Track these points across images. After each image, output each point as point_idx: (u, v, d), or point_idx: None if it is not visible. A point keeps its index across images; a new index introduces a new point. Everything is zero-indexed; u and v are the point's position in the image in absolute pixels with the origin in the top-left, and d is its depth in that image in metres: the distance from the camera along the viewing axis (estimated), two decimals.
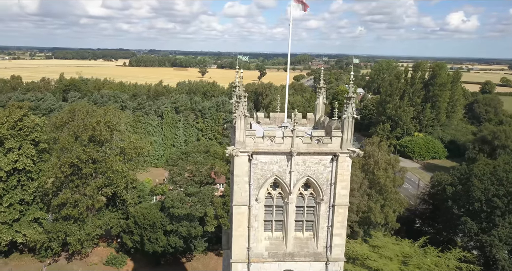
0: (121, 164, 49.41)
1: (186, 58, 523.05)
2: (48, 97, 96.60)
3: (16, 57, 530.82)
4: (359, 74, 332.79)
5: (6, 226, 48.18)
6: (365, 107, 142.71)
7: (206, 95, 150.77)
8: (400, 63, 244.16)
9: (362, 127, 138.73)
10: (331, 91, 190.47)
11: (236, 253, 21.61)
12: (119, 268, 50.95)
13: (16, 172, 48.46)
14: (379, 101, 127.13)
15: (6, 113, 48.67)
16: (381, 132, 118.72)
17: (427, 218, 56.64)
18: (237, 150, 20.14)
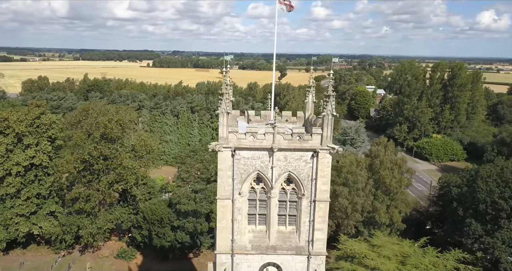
0: (131, 161, 51.24)
1: (208, 59, 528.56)
2: (69, 96, 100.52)
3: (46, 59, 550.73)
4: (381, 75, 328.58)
5: (23, 219, 50.76)
6: (383, 108, 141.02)
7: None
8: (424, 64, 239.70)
9: (380, 128, 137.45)
10: (350, 92, 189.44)
11: (220, 244, 22.55)
12: (129, 261, 52.73)
13: (33, 167, 51.00)
14: (397, 102, 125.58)
15: (25, 111, 51.37)
16: (398, 133, 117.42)
17: (436, 220, 56.02)
18: (220, 146, 21.08)
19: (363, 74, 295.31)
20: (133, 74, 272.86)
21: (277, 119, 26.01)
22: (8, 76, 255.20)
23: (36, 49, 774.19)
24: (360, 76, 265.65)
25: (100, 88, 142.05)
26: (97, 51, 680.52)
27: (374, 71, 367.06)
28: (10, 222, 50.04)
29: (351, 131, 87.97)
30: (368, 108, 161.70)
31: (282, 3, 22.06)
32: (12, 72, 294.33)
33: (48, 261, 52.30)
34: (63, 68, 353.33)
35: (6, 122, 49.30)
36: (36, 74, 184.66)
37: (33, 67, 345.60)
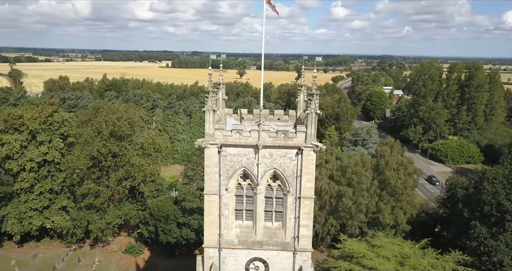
0: (139, 158, 52.55)
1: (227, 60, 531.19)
2: (85, 95, 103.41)
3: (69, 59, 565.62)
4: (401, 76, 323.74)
5: (37, 213, 52.67)
6: (399, 109, 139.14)
7: (239, 96, 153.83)
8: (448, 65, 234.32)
9: (395, 129, 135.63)
10: (366, 93, 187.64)
11: (208, 238, 23.20)
12: (136, 256, 54.03)
13: (46, 163, 52.86)
14: (412, 103, 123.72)
15: (39, 109, 53.35)
16: (412, 134, 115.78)
17: (444, 222, 55.25)
18: (206, 142, 21.74)
19: (381, 74, 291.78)
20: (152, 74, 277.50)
21: (269, 118, 26.64)
22: (32, 76, 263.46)
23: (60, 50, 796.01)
24: (378, 76, 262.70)
25: (118, 88, 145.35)
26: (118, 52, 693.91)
27: (394, 71, 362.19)
28: (24, 215, 51.96)
29: (363, 132, 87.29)
30: (384, 109, 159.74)
31: (268, 4, 22.53)
32: (37, 72, 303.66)
33: (60, 254, 54.13)
34: (85, 68, 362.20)
35: (21, 120, 51.33)
36: (59, 74, 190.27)
37: (56, 67, 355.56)
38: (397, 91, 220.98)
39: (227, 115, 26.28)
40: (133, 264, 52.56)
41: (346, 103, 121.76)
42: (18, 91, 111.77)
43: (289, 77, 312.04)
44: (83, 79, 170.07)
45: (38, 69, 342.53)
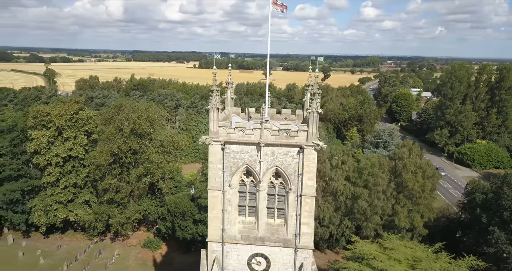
0: (158, 155, 54.05)
1: (253, 61, 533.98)
2: (112, 94, 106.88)
3: (101, 60, 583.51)
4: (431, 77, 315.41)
5: (61, 206, 55.07)
6: (425, 111, 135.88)
7: (263, 96, 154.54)
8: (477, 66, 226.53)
9: (421, 132, 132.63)
10: (392, 94, 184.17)
11: (211, 233, 23.90)
12: (154, 251, 55.56)
13: (71, 158, 55.16)
14: (438, 105, 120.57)
15: (65, 107, 55.77)
16: (438, 138, 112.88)
17: (464, 227, 53.82)
18: (210, 139, 22.45)
19: (409, 76, 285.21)
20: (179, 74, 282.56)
21: (276, 117, 27.15)
22: (65, 76, 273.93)
23: (93, 51, 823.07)
24: (406, 78, 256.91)
25: (145, 87, 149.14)
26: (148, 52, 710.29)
27: (424, 73, 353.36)
28: (50, 208, 54.43)
29: (384, 134, 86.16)
30: (410, 111, 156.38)
31: (274, 5, 23.02)
32: (70, 71, 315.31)
33: (82, 246, 56.38)
34: (115, 68, 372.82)
35: (48, 117, 53.83)
36: (90, 74, 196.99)
37: (89, 67, 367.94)
38: (425, 93, 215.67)
39: (235, 114, 26.96)
40: (150, 258, 54.09)
41: (370, 105, 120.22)
42: (49, 90, 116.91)
43: None
44: (112, 78, 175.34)
45: (71, 69, 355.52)
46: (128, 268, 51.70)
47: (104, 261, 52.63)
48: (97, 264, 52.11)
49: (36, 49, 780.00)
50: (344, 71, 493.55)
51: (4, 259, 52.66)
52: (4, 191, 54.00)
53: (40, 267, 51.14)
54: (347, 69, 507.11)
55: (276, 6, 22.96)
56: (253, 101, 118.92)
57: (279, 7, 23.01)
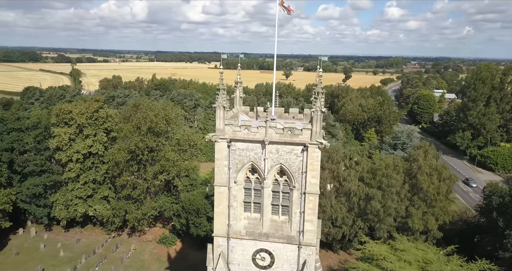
0: (174, 153, 55.23)
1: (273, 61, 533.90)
2: (133, 94, 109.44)
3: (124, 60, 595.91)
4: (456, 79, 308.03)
5: (81, 201, 56.98)
6: (447, 113, 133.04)
7: (281, 96, 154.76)
8: None
9: (442, 134, 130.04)
10: (414, 96, 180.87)
11: (217, 228, 24.55)
12: (169, 247, 56.79)
13: (91, 155, 57.03)
14: (461, 107, 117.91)
15: (86, 105, 57.70)
16: (460, 140, 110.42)
17: (481, 231, 52.72)
18: (217, 137, 23.08)
19: (433, 77, 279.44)
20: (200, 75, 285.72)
21: (284, 116, 27.59)
22: (90, 75, 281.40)
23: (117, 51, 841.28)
24: (429, 79, 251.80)
25: (166, 87, 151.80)
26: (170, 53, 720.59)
27: (449, 74, 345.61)
28: (70, 203, 56.39)
29: (403, 136, 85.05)
30: (431, 113, 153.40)
31: (281, 6, 23.45)
32: (95, 71, 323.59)
33: (100, 240, 58.19)
34: (138, 68, 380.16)
35: (70, 114, 55.81)
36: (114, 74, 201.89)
37: (113, 68, 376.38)
38: (449, 95, 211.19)
39: (243, 113, 27.53)
40: (165, 253, 55.32)
41: (389, 106, 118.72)
42: (73, 89, 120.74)
43: (336, 78, 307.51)
44: (135, 78, 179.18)
45: (96, 69, 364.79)
46: (144, 263, 53.05)
47: (120, 255, 54.19)
48: (114, 258, 53.70)
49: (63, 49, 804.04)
50: (366, 72, 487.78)
51: (27, 250, 54.99)
52: (28, 185, 56.31)
53: (59, 259, 53.13)
54: (369, 70, 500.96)
55: (282, 7, 23.37)
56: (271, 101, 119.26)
57: (285, 9, 23.41)
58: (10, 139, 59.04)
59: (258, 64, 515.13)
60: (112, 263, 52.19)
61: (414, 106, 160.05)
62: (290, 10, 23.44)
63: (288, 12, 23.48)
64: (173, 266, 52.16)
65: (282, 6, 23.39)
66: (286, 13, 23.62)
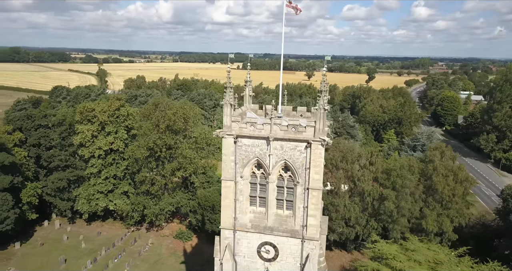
0: (191, 151, 56.69)
1: (297, 62, 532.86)
2: (155, 93, 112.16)
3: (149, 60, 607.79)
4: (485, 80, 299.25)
5: (102, 195, 59.22)
6: (472, 115, 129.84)
7: (302, 96, 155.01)
8: None
9: (466, 137, 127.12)
10: (438, 97, 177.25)
11: (224, 221, 25.52)
12: (185, 242, 58.27)
13: (112, 152, 59.18)
14: (486, 108, 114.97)
15: (108, 103, 59.94)
16: (484, 143, 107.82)
17: (499, 235, 51.69)
18: (224, 133, 24.07)
19: (459, 78, 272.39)
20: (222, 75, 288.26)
21: (292, 114, 28.35)
22: (116, 75, 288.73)
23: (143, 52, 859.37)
24: (455, 81, 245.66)
25: (188, 87, 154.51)
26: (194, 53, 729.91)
27: (477, 75, 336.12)
28: (92, 197, 58.73)
29: (422, 137, 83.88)
30: (456, 115, 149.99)
31: (289, 7, 24.22)
32: (121, 72, 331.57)
33: (119, 234, 60.26)
34: (162, 69, 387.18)
35: (93, 112, 58.13)
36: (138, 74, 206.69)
37: (138, 68, 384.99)
38: (476, 97, 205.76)
39: (251, 110, 28.43)
40: (181, 248, 56.82)
41: (411, 107, 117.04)
42: (98, 88, 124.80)
43: (359, 79, 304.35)
44: (157, 78, 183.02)
45: (122, 69, 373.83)
46: (160, 257, 54.67)
47: (138, 249, 56.02)
48: (132, 251, 55.58)
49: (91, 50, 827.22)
50: (391, 73, 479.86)
51: (51, 241, 57.62)
52: (53, 180, 58.94)
53: (81, 250, 55.44)
54: (393, 71, 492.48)
55: (289, 8, 24.15)
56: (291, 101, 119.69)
57: (293, 9, 24.17)
58: (38, 135, 61.98)
59: None
60: (130, 256, 54.05)
61: (437, 108, 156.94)
62: (298, 9, 24.16)
63: (296, 11, 24.20)
64: (188, 260, 53.52)
65: (290, 6, 24.13)
66: (295, 13, 24.34)
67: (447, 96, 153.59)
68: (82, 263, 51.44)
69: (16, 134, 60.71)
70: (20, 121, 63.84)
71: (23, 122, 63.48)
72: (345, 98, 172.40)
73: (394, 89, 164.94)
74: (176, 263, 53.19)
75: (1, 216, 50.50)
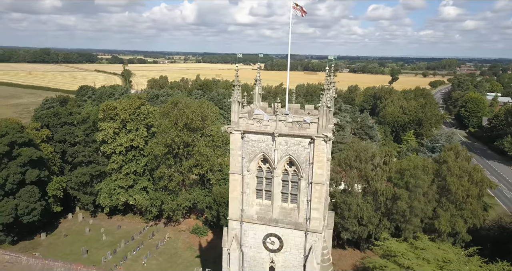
0: (207, 148, 58.34)
1: (319, 62, 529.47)
2: (176, 93, 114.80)
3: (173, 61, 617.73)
4: None
5: (123, 190, 61.60)
6: (496, 117, 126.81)
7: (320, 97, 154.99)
8: None
9: (490, 139, 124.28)
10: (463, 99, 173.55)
11: (231, 212, 26.82)
12: (200, 237, 59.97)
13: (132, 148, 61.44)
14: (510, 110, 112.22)
15: (130, 102, 62.34)
16: (508, 145, 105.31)
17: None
18: (232, 129, 25.35)
19: (487, 80, 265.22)
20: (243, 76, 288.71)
21: (300, 112, 29.40)
22: (140, 76, 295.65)
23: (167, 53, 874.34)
24: (482, 82, 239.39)
25: (209, 87, 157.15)
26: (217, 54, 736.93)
27: (507, 77, 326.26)
28: (113, 192, 61.19)
29: (441, 138, 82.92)
30: (480, 117, 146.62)
31: (295, 9, 25.29)
32: (145, 72, 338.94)
33: (138, 228, 62.56)
34: (185, 69, 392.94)
35: (115, 110, 60.60)
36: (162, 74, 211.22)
37: (161, 69, 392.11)
38: (503, 98, 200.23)
39: (259, 108, 29.61)
40: (197, 243, 58.53)
41: (432, 109, 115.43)
42: (122, 88, 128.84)
43: (382, 80, 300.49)
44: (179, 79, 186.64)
45: (145, 69, 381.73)
46: (177, 250, 56.55)
47: (156, 242, 58.08)
48: (150, 244, 57.68)
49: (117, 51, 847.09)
50: (415, 74, 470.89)
51: (74, 233, 60.46)
52: (77, 174, 61.77)
53: (102, 242, 57.97)
54: (418, 72, 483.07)
55: (295, 10, 25.21)
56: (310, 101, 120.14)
57: (299, 11, 25.21)
58: (63, 132, 65.03)
59: (303, 65, 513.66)
60: (148, 249, 56.12)
61: (461, 110, 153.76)
62: (304, 12, 25.20)
63: (302, 13, 25.24)
64: (203, 255, 55.11)
65: (297, 8, 25.19)
66: (300, 15, 25.36)
67: (472, 98, 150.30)
68: (103, 254, 53.86)
69: (44, 130, 63.91)
70: (48, 118, 67.09)
71: (50, 119, 66.70)
72: (366, 99, 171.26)
73: (416, 90, 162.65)
74: (192, 256, 54.90)
75: (28, 207, 53.48)
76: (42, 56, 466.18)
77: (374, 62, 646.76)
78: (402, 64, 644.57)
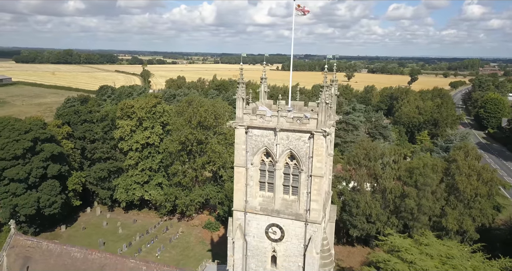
0: (219, 146, 60.05)
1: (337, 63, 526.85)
2: (192, 93, 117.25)
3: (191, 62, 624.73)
4: None
5: (139, 186, 63.97)
6: None
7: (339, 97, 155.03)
8: None
9: (509, 140, 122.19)
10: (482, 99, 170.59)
11: (236, 203, 28.26)
12: (212, 232, 61.73)
13: (148, 146, 63.76)
14: None
15: (146, 100, 64.65)
16: None
17: None
18: (236, 124, 26.80)
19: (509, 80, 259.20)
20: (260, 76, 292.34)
21: (304, 109, 30.65)
22: (158, 76, 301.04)
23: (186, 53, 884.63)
24: (503, 82, 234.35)
25: (225, 87, 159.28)
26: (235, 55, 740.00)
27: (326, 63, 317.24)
28: (129, 187, 63.63)
29: (456, 138, 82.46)
30: (500, 118, 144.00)
31: (298, 10, 26.57)
32: (163, 72, 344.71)
33: (153, 222, 64.84)
34: (203, 70, 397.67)
35: (132, 109, 63.03)
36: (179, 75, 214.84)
37: (180, 69, 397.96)
38: None
39: (264, 105, 30.95)
40: (209, 237, 60.33)
41: (448, 109, 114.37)
42: (140, 88, 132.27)
43: (400, 81, 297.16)
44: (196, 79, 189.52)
45: (164, 70, 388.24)
46: (189, 244, 58.46)
47: (169, 236, 60.17)
48: (164, 238, 59.80)
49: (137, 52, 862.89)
50: (436, 74, 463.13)
51: (92, 226, 63.15)
52: (95, 170, 64.51)
53: (118, 235, 60.43)
54: (439, 72, 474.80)
55: (298, 10, 26.50)
56: None
57: (301, 11, 26.49)
58: (83, 129, 67.91)
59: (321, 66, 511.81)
60: (162, 242, 58.23)
61: (480, 110, 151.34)
62: (305, 11, 26.45)
63: (303, 13, 26.49)
64: (214, 249, 56.86)
65: (299, 10, 26.48)
66: (302, 14, 26.61)
67: (491, 98, 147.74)
68: (118, 246, 56.23)
69: (65, 127, 66.94)
70: (69, 116, 70.16)
71: (71, 117, 69.73)
72: (382, 100, 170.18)
73: (433, 91, 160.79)
74: (203, 250, 56.71)
75: (50, 200, 56.32)
76: (65, 57, 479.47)
77: (393, 62, 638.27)
78: (423, 65, 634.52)
